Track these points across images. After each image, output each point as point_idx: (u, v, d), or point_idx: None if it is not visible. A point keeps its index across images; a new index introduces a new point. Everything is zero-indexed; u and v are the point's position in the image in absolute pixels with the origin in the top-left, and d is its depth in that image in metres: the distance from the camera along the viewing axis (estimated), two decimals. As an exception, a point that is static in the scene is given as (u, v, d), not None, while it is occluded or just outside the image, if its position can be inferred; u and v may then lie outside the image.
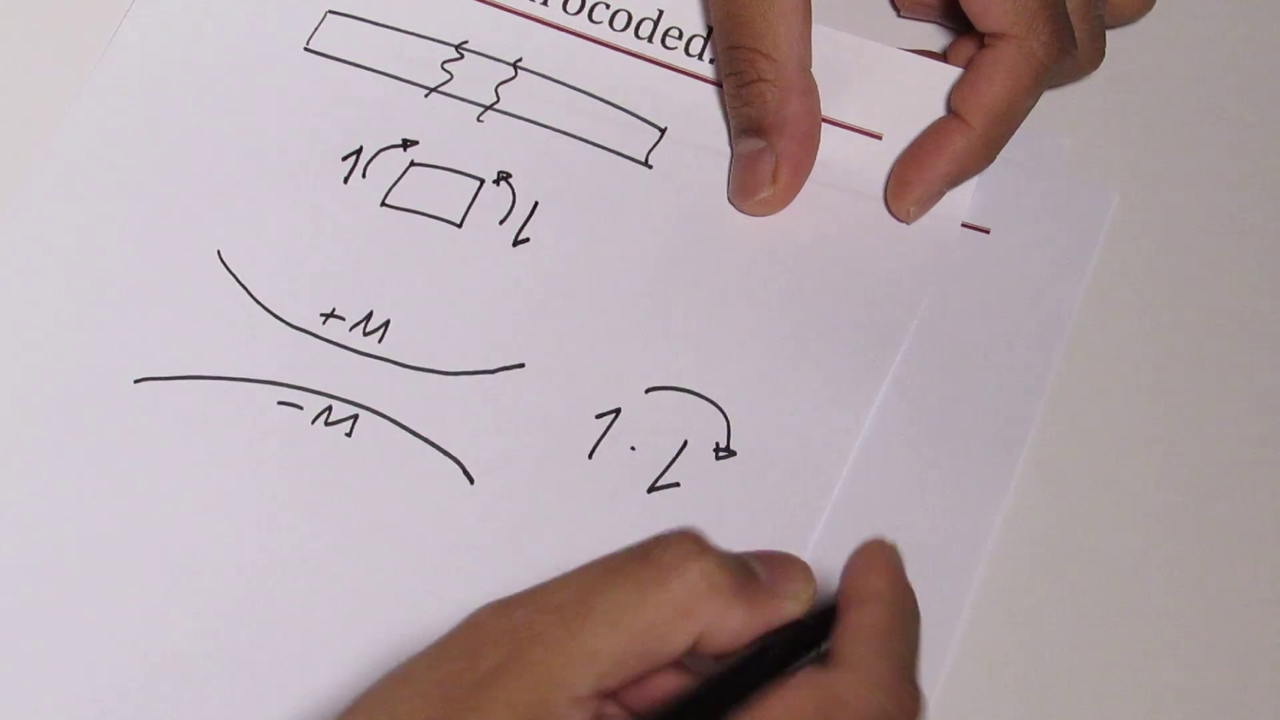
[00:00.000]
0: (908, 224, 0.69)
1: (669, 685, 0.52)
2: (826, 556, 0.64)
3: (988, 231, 0.70)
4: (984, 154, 0.68)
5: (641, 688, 0.51)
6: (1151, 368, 0.68)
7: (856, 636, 0.51)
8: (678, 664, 0.51)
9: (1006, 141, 0.69)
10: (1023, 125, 0.70)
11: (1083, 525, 0.66)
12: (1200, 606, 0.65)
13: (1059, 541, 0.66)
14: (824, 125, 0.69)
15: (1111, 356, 0.68)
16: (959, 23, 0.70)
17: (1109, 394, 0.68)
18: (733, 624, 0.50)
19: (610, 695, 0.50)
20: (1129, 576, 0.65)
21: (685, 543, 0.50)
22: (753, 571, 0.51)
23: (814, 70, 0.69)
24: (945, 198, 0.69)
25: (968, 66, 0.69)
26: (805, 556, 0.63)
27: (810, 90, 0.69)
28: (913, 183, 0.69)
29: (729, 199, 0.70)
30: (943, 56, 0.71)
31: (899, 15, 0.73)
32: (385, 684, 0.50)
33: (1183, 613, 0.65)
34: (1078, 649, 0.64)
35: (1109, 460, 0.67)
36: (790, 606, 0.51)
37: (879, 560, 0.52)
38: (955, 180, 0.69)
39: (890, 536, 0.64)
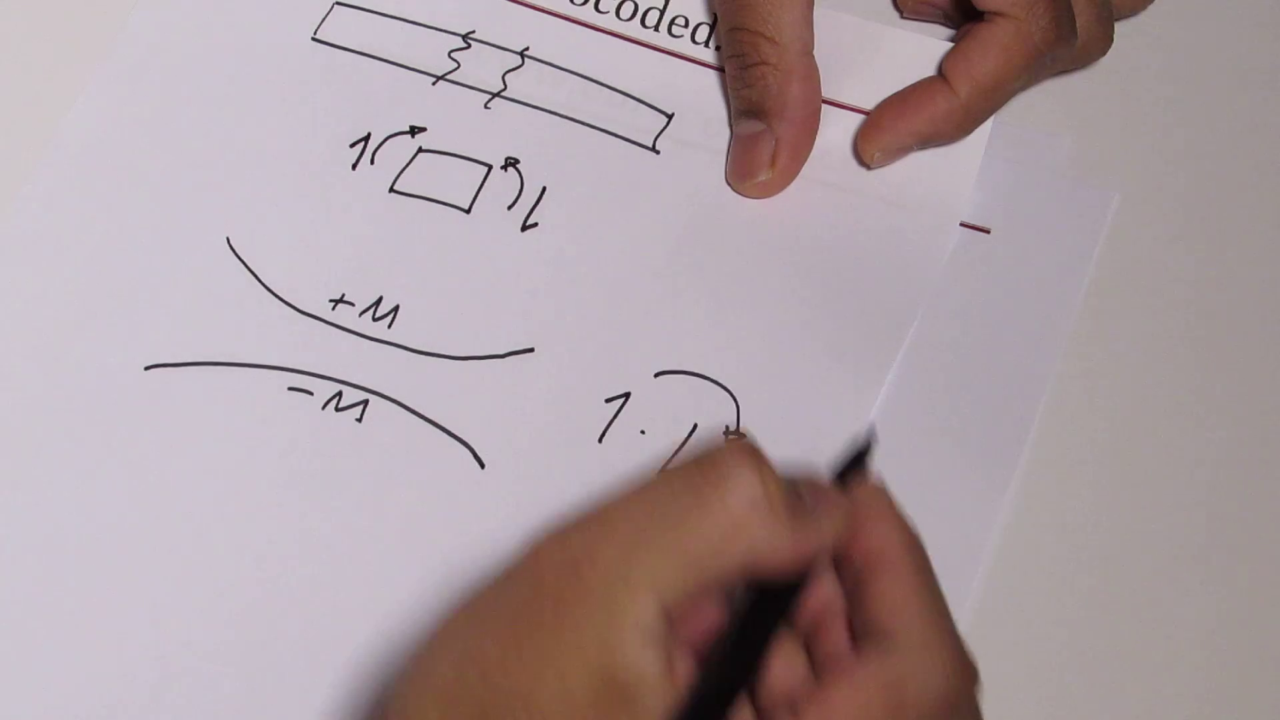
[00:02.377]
0: (869, 168, 0.70)
1: (710, 615, 0.51)
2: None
3: (988, 231, 0.70)
4: (961, 123, 0.69)
5: (691, 622, 0.51)
6: (1151, 367, 0.69)
7: (896, 610, 0.50)
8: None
9: (987, 117, 0.69)
10: (1023, 125, 0.71)
11: (1083, 524, 0.66)
12: (1201, 605, 0.65)
13: (1059, 540, 0.66)
14: (826, 107, 0.70)
15: (1111, 356, 0.69)
16: (963, 21, 0.70)
17: (1109, 393, 0.68)
18: (781, 546, 0.49)
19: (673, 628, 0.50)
20: (1129, 575, 0.65)
21: (742, 455, 0.50)
22: (800, 494, 0.51)
23: (815, 52, 0.69)
24: (945, 197, 0.69)
25: (964, 36, 0.69)
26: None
27: (811, 75, 0.69)
28: (885, 130, 0.69)
29: (726, 180, 0.70)
30: None
31: (902, 16, 0.74)
32: (457, 621, 0.50)
33: (1183, 611, 0.65)
34: (1078, 647, 0.64)
35: (1109, 459, 0.67)
36: (828, 534, 0.51)
37: (884, 513, 0.52)
38: (927, 140, 0.69)
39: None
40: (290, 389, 0.67)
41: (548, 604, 0.49)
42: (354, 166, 0.70)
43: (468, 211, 0.70)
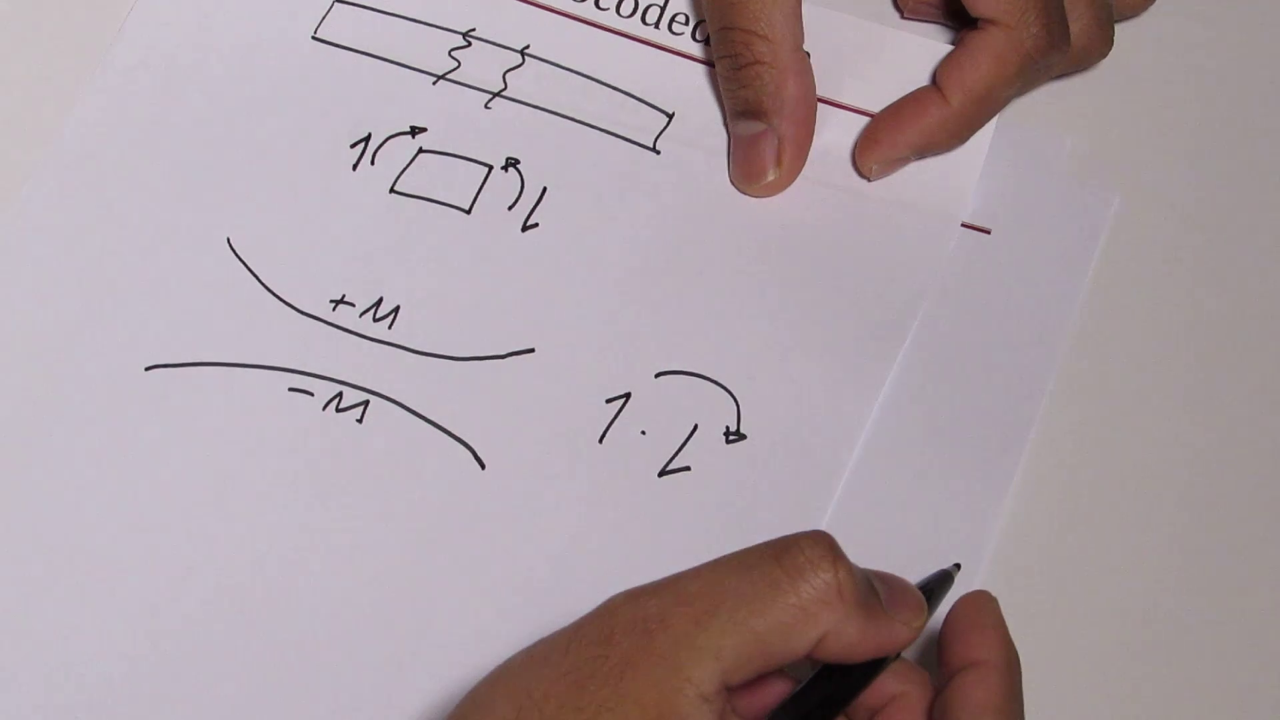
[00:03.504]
0: (868, 180, 0.70)
1: (777, 690, 0.54)
2: (838, 539, 0.65)
3: (988, 231, 0.70)
4: (956, 132, 0.69)
5: (754, 692, 0.53)
6: (1152, 368, 0.69)
7: (972, 709, 0.52)
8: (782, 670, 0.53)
9: (981, 125, 0.69)
10: (1024, 125, 0.71)
11: (1083, 524, 0.66)
12: (1201, 606, 0.65)
13: (1059, 540, 0.66)
14: (826, 107, 0.70)
15: (1111, 357, 0.69)
16: (962, 23, 0.70)
17: (1109, 394, 0.68)
18: (849, 636, 0.52)
19: (732, 695, 0.52)
20: (1129, 575, 0.65)
21: (819, 547, 0.52)
22: (875, 590, 0.53)
23: (815, 52, 0.69)
24: (946, 198, 0.69)
25: (956, 44, 0.69)
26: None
27: (805, 70, 0.69)
28: (881, 143, 0.69)
29: (731, 182, 0.70)
30: None
31: (902, 17, 0.74)
32: (523, 662, 0.52)
33: (1183, 612, 0.65)
34: (1078, 647, 0.64)
35: (1109, 459, 0.67)
36: (902, 632, 0.53)
37: (988, 620, 0.54)
38: (922, 151, 0.69)
39: (897, 533, 0.65)
40: (291, 390, 0.67)
41: (615, 657, 0.51)
42: (354, 167, 0.70)
43: (468, 212, 0.70)
